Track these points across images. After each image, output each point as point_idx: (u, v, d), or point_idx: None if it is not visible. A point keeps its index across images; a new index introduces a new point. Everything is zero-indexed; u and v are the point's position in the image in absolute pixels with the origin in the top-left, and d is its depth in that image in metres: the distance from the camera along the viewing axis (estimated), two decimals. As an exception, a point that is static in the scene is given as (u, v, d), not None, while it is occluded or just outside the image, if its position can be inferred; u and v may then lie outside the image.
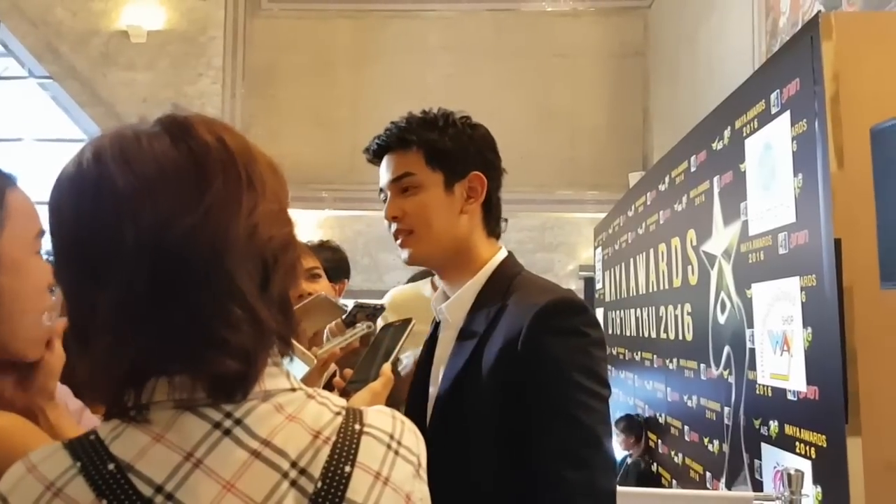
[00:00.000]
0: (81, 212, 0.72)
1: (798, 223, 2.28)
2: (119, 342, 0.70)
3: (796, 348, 2.30)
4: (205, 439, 0.71)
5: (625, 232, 5.13)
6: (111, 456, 0.70)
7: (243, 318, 0.71)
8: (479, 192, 1.34)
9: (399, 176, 1.34)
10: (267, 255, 0.74)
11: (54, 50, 7.67)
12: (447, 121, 1.36)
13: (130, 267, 0.69)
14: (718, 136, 3.03)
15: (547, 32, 8.30)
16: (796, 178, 2.29)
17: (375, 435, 0.76)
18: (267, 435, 0.72)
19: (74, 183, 0.74)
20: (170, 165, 0.72)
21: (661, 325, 4.02)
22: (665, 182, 3.95)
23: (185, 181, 0.72)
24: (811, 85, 2.20)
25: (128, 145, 0.74)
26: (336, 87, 8.32)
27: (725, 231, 2.96)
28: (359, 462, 0.73)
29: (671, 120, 6.91)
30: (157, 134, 0.75)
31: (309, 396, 0.77)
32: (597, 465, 1.15)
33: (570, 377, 1.16)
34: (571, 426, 1.15)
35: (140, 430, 0.71)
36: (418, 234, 1.33)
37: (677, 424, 3.68)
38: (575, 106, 8.14)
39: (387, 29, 8.41)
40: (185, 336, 0.70)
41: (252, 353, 0.72)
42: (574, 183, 8.00)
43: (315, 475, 0.71)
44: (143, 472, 0.69)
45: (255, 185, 0.75)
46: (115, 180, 0.71)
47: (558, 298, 1.23)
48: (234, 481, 0.69)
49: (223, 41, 8.02)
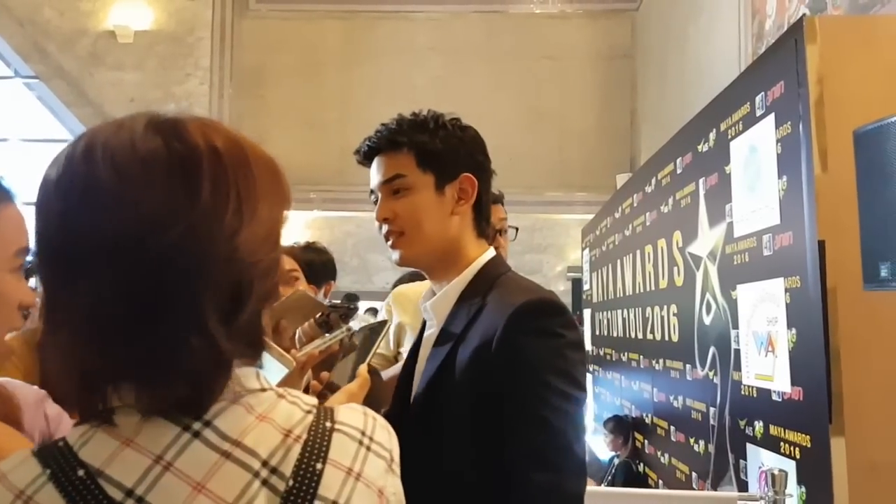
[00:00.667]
0: (65, 209, 0.71)
1: (782, 225, 2.30)
2: (78, 345, 0.70)
3: (781, 349, 2.31)
4: (174, 442, 0.70)
5: (612, 233, 5.15)
6: (80, 462, 0.70)
7: (200, 345, 0.69)
8: (469, 193, 1.35)
9: (390, 178, 1.34)
10: (242, 281, 0.72)
11: (41, 50, 7.63)
12: (437, 123, 1.36)
13: (102, 272, 0.69)
14: (704, 138, 3.04)
15: (535, 34, 8.33)
16: (781, 181, 2.30)
17: (347, 432, 0.76)
18: (237, 435, 0.71)
19: (62, 178, 0.73)
20: (157, 172, 0.71)
21: (648, 326, 4.03)
22: (651, 184, 3.96)
23: (170, 191, 0.70)
24: (795, 88, 2.21)
25: (119, 145, 0.72)
26: (325, 88, 8.32)
27: (711, 233, 2.97)
28: (330, 459, 0.73)
29: (659, 122, 6.94)
30: (151, 135, 0.73)
31: (279, 396, 0.77)
32: (565, 469, 1.14)
33: (542, 378, 1.16)
34: (541, 428, 1.14)
35: (109, 435, 0.71)
36: (409, 236, 1.33)
37: (663, 425, 3.69)
38: (564, 108, 8.16)
39: (375, 30, 8.40)
40: (141, 352, 0.69)
41: (205, 380, 0.71)
42: (563, 184, 8.03)
43: (286, 473, 0.71)
44: (113, 476, 0.69)
45: (242, 206, 0.73)
46: (100, 180, 0.70)
47: (535, 299, 1.23)
48: (204, 482, 0.69)
49: (211, 42, 8.00)
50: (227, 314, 0.71)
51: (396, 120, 1.37)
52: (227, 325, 0.71)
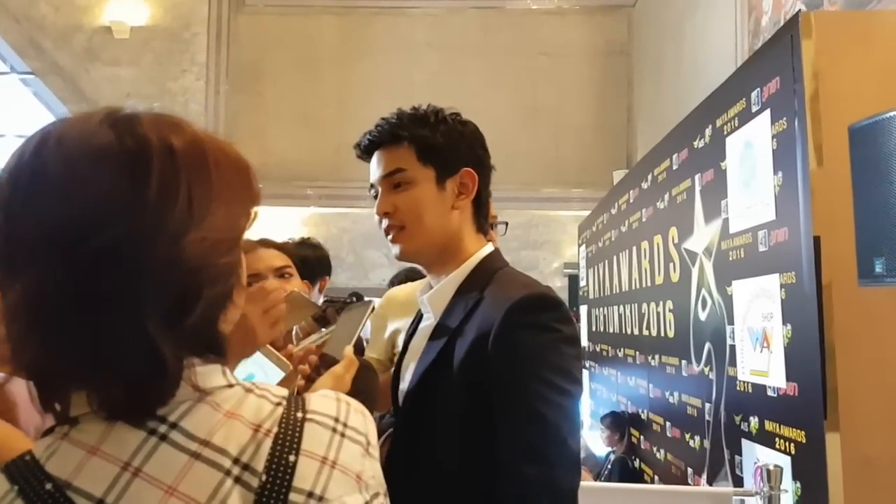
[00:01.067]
0: (12, 201, 0.70)
1: (778, 221, 2.30)
2: (21, 339, 0.69)
3: (776, 345, 2.31)
4: (141, 447, 0.69)
5: (608, 229, 5.15)
6: (47, 475, 0.69)
7: (138, 348, 0.68)
8: (469, 188, 1.35)
9: (391, 171, 1.33)
10: (188, 286, 0.70)
11: (37, 45, 7.61)
12: (438, 117, 1.36)
13: (41, 267, 0.67)
14: (700, 134, 3.05)
15: (532, 31, 8.32)
16: (776, 177, 2.30)
17: (319, 420, 0.75)
18: (205, 435, 0.71)
19: (13, 170, 0.72)
20: (105, 166, 0.69)
21: (644, 322, 4.04)
22: (647, 180, 3.97)
23: (116, 186, 0.68)
24: (791, 83, 2.21)
25: (71, 136, 0.71)
26: (321, 84, 8.31)
27: (706, 229, 2.97)
28: (303, 450, 0.72)
29: (655, 118, 6.94)
30: (105, 129, 0.71)
31: (247, 391, 0.76)
32: (558, 463, 1.14)
33: (537, 372, 1.16)
34: (534, 422, 1.14)
35: (74, 445, 0.70)
36: (410, 230, 1.32)
37: (659, 421, 3.70)
38: (560, 104, 8.16)
39: (372, 26, 8.39)
40: (80, 353, 0.68)
41: (145, 384, 0.69)
42: (559, 181, 8.03)
43: (259, 469, 0.70)
44: (82, 487, 0.68)
45: (192, 207, 0.70)
46: (48, 174, 0.69)
47: (532, 294, 1.23)
48: (175, 485, 0.68)
49: (207, 37, 7.98)
50: (171, 318, 0.69)
51: (397, 114, 1.37)
52: (171, 329, 0.69)
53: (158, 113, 0.75)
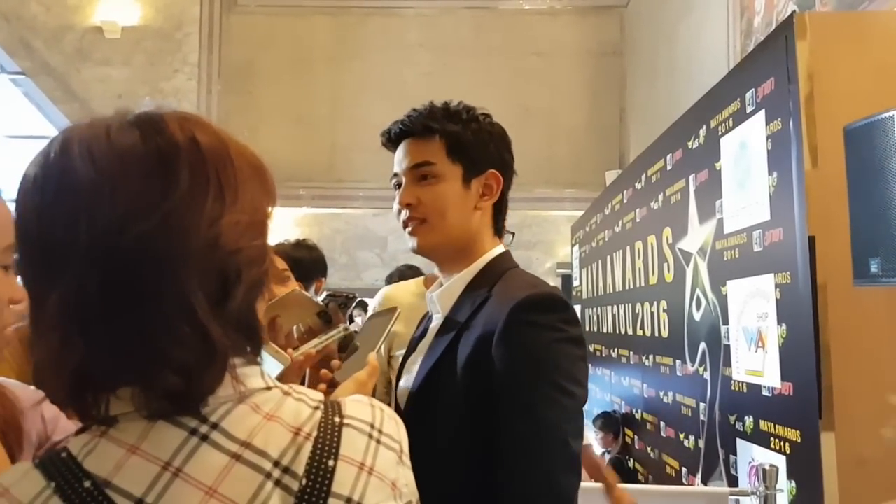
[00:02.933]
0: (42, 205, 0.70)
1: (772, 221, 2.30)
2: (65, 344, 0.68)
3: (771, 345, 2.32)
4: (182, 447, 0.69)
5: (602, 230, 5.16)
6: (86, 473, 0.68)
7: (190, 334, 0.68)
8: (494, 190, 1.35)
9: (419, 163, 1.32)
10: (229, 268, 0.70)
11: (28, 45, 7.57)
12: (470, 115, 1.35)
13: (82, 268, 0.67)
14: (694, 134, 3.05)
15: (525, 31, 8.33)
16: (771, 177, 2.31)
17: (356, 426, 0.75)
18: (246, 437, 0.70)
19: (39, 174, 0.72)
20: (134, 163, 0.69)
21: (638, 322, 4.04)
22: (641, 180, 3.97)
23: (147, 181, 0.69)
24: (786, 84, 2.22)
25: (95, 139, 0.71)
26: (314, 85, 8.29)
27: (701, 229, 2.98)
28: (342, 455, 0.72)
29: (648, 119, 6.95)
30: (128, 129, 0.72)
31: (285, 393, 0.75)
32: (557, 464, 1.14)
33: (540, 372, 1.16)
34: (535, 421, 1.14)
35: (113, 444, 0.69)
36: (431, 224, 1.32)
37: (653, 420, 3.70)
38: (553, 105, 8.17)
39: (365, 26, 8.38)
40: (130, 347, 0.68)
41: (197, 370, 0.69)
42: (552, 181, 8.03)
43: (299, 472, 0.70)
44: (121, 486, 0.67)
45: (223, 193, 0.71)
46: (76, 175, 0.69)
47: (539, 293, 1.22)
48: (216, 486, 0.68)
49: (199, 37, 7.96)
50: (217, 303, 0.70)
51: (429, 106, 1.36)
52: (217, 314, 0.69)
53: (176, 110, 0.76)
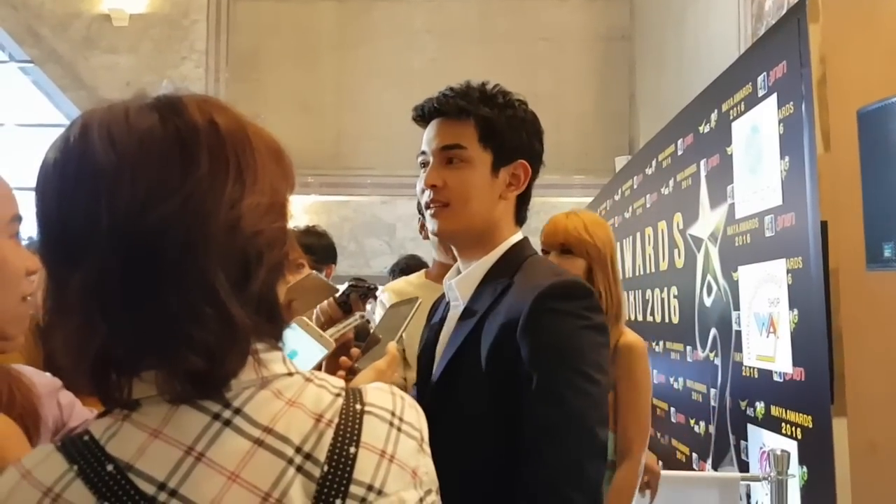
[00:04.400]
0: (63, 190, 0.70)
1: (784, 206, 2.29)
2: (87, 327, 0.68)
3: (782, 330, 2.31)
4: (205, 432, 0.69)
5: (611, 216, 5.14)
6: (109, 456, 0.68)
7: (213, 315, 0.68)
8: (521, 181, 1.33)
9: (449, 145, 1.30)
10: (249, 250, 0.71)
11: (35, 33, 7.56)
12: (506, 100, 1.33)
13: (103, 251, 0.67)
14: (705, 119, 3.03)
15: (532, 16, 8.27)
16: (783, 161, 2.29)
17: (377, 413, 0.75)
18: (268, 422, 0.70)
19: (59, 159, 0.72)
20: (154, 146, 0.69)
21: (648, 308, 4.03)
22: (652, 166, 3.96)
23: (167, 164, 0.69)
24: (798, 67, 2.20)
25: (115, 122, 0.71)
26: (320, 72, 8.26)
27: (712, 214, 2.97)
28: (363, 442, 0.72)
29: (657, 104, 6.91)
30: (147, 112, 0.72)
31: (307, 380, 0.75)
32: (582, 451, 1.13)
33: (565, 359, 1.16)
34: (560, 408, 1.13)
35: (136, 427, 0.69)
36: (454, 209, 1.30)
37: (664, 406, 3.70)
38: (560, 90, 8.12)
39: (371, 12, 8.34)
40: (152, 328, 0.68)
41: (219, 351, 0.69)
42: (560, 167, 7.99)
43: (321, 459, 0.70)
44: (144, 470, 0.67)
45: (243, 175, 0.72)
46: (96, 158, 0.69)
47: (563, 281, 1.22)
48: (238, 471, 0.68)
49: (206, 24, 7.93)
50: (238, 284, 0.70)
51: (465, 86, 1.33)
52: (239, 296, 0.70)
53: (194, 93, 0.76)
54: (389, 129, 6.66)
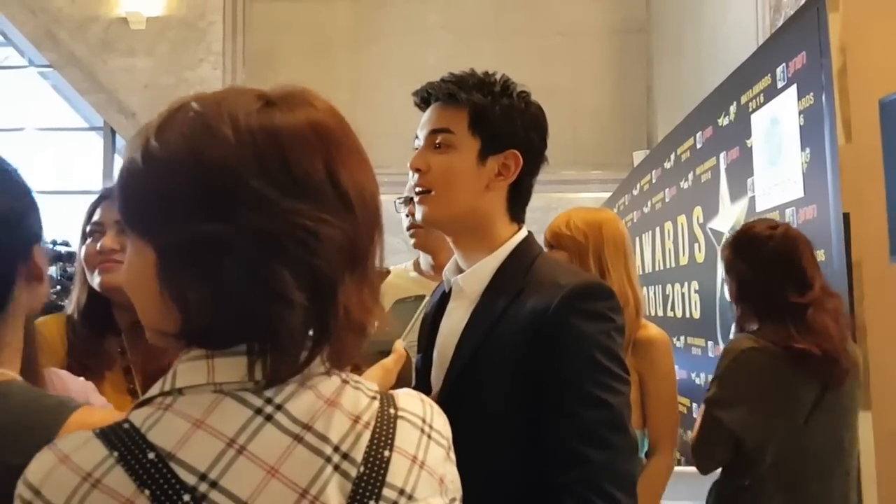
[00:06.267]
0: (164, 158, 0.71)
1: (806, 198, 2.27)
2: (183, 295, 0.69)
3: (805, 324, 2.28)
4: (247, 425, 0.69)
5: (630, 211, 5.11)
6: (150, 444, 0.68)
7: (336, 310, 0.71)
8: (511, 171, 1.29)
9: (437, 129, 1.29)
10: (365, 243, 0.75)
11: (53, 37, 7.63)
12: (504, 89, 1.31)
13: (205, 215, 0.68)
14: (724, 111, 3.01)
15: (547, 10, 8.24)
16: (804, 153, 2.27)
17: (410, 419, 0.76)
18: (308, 420, 0.71)
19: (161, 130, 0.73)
20: (292, 138, 0.73)
21: (668, 303, 4.01)
22: (671, 159, 3.93)
23: (311, 157, 0.73)
24: (818, 58, 2.17)
25: (242, 114, 0.73)
26: (336, 70, 8.28)
27: (732, 207, 2.94)
28: (396, 446, 0.73)
29: (675, 97, 6.86)
30: (266, 108, 0.75)
31: (343, 381, 0.76)
32: (620, 448, 1.14)
33: (595, 359, 1.15)
34: (596, 407, 1.14)
35: (178, 417, 0.69)
36: (437, 195, 1.28)
37: (686, 402, 3.68)
38: (577, 85, 8.08)
39: (385, 10, 8.35)
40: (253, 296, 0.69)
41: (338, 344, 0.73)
42: (577, 163, 7.97)
43: (357, 459, 0.71)
44: (185, 460, 0.67)
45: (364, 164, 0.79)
46: (230, 144, 0.70)
47: (587, 282, 1.22)
48: (277, 466, 0.68)
49: (222, 26, 7.97)
50: (357, 281, 0.73)
51: (463, 74, 1.32)
52: (357, 292, 0.73)
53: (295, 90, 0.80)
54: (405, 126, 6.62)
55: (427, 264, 2.15)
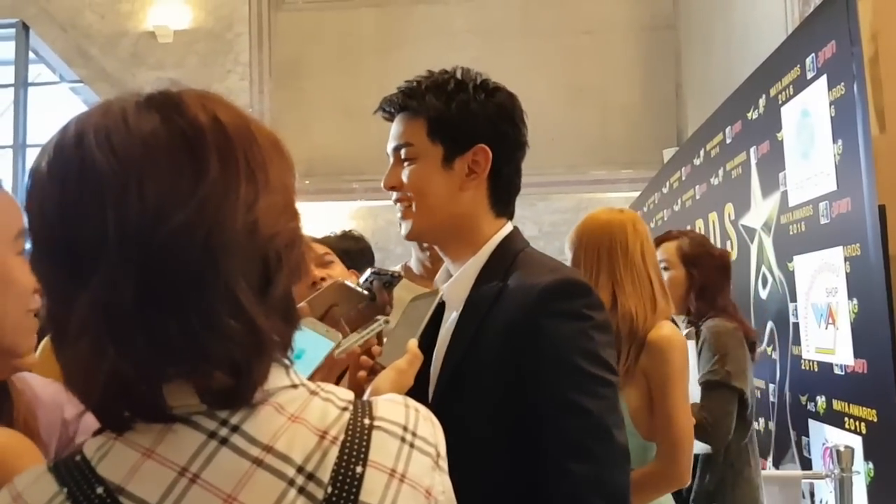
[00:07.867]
0: (63, 201, 0.65)
1: (840, 191, 2.21)
2: (97, 347, 0.63)
3: (842, 321, 2.23)
4: (200, 451, 0.65)
5: (660, 209, 5.05)
6: (99, 478, 0.65)
7: (238, 328, 0.64)
8: (482, 166, 1.24)
9: (399, 144, 1.27)
10: (269, 253, 0.67)
11: (84, 53, 7.76)
12: (460, 86, 1.26)
13: (114, 265, 0.62)
14: (753, 105, 2.95)
15: (574, 9, 8.18)
16: (836, 145, 2.21)
17: (387, 428, 0.70)
18: (268, 440, 0.66)
19: (55, 168, 0.67)
20: (159, 149, 0.64)
21: (701, 303, 3.94)
22: (700, 156, 3.87)
23: (175, 168, 0.64)
24: (848, 46, 2.11)
25: (113, 126, 0.66)
26: (362, 77, 8.30)
27: (764, 203, 2.89)
28: (371, 461, 0.67)
29: (705, 93, 6.77)
30: (146, 112, 0.67)
31: (312, 392, 0.71)
32: (605, 458, 1.07)
33: (572, 362, 1.09)
34: (575, 415, 1.08)
35: (128, 447, 0.65)
36: (416, 208, 1.25)
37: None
38: (605, 83, 8.02)
39: (411, 15, 8.36)
40: (173, 346, 0.63)
41: (247, 365, 0.65)
42: (607, 162, 7.90)
43: (324, 479, 0.66)
44: (135, 493, 0.64)
45: (255, 175, 0.67)
46: (97, 167, 0.64)
47: (560, 279, 1.15)
48: (235, 494, 0.64)
49: (249, 37, 8.04)
50: (261, 290, 0.66)
51: (418, 79, 1.28)
52: (262, 303, 0.66)
53: (195, 89, 0.71)
54: (433, 131, 6.66)
55: (418, 265, 2.13)
